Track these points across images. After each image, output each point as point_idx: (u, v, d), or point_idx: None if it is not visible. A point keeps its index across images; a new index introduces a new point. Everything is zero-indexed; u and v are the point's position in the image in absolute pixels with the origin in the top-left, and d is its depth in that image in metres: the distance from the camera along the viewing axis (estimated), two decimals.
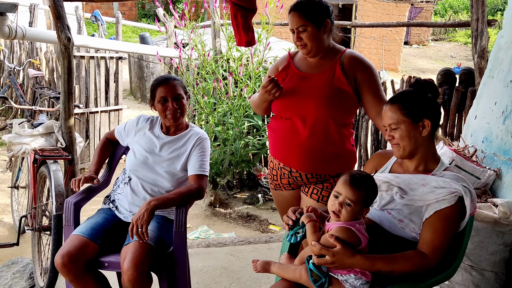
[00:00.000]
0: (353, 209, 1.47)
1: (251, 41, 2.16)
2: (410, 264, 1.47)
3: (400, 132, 1.56)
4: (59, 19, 2.44)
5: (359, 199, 1.47)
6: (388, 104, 1.60)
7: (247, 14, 2.07)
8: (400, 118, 1.55)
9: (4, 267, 2.75)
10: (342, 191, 1.48)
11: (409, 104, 1.56)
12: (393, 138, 1.59)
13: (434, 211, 1.50)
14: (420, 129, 1.55)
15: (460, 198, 1.49)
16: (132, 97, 9.60)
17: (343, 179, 1.50)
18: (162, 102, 2.16)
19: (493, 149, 2.34)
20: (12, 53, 6.69)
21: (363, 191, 1.47)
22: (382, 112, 1.63)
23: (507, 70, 2.34)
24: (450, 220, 1.50)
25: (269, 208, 3.94)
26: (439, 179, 1.54)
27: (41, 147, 2.55)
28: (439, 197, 1.50)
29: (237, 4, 2.02)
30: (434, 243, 1.48)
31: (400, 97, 1.60)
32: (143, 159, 2.19)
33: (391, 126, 1.58)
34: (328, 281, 1.49)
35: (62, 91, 2.57)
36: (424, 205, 1.54)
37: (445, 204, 1.49)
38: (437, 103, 1.63)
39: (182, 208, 2.07)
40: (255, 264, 1.70)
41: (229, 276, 2.67)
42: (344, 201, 1.47)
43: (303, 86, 2.00)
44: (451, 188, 1.49)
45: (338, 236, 1.45)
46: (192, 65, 3.87)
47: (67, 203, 2.12)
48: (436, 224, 1.50)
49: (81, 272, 1.92)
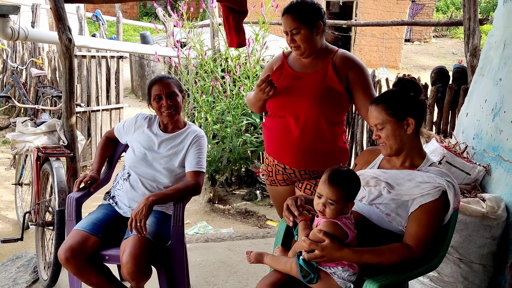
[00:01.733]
0: (336, 207, 1.52)
1: (242, 42, 2.23)
2: (396, 256, 1.53)
3: (386, 131, 1.62)
4: (60, 21, 2.50)
5: (340, 197, 1.51)
6: (373, 105, 1.66)
7: (238, 17, 2.14)
8: (385, 118, 1.61)
9: (9, 262, 2.83)
10: (323, 192, 1.52)
11: (393, 104, 1.61)
12: (380, 137, 1.65)
13: (419, 205, 1.57)
14: (405, 127, 1.61)
15: (444, 192, 1.55)
16: (134, 95, 9.67)
17: (323, 179, 1.54)
18: (157, 100, 2.23)
19: (483, 146, 2.40)
20: (15, 52, 6.76)
21: (344, 189, 1.52)
22: (368, 112, 1.69)
23: (496, 68, 2.39)
24: (434, 213, 1.56)
25: (267, 204, 4.01)
26: (424, 174, 1.60)
27: (44, 145, 2.63)
28: (424, 192, 1.56)
29: (229, 7, 2.09)
30: (419, 236, 1.55)
31: (384, 97, 1.66)
32: (142, 156, 2.25)
33: (377, 126, 1.64)
34: (317, 276, 1.56)
35: (64, 90, 2.64)
36: (410, 199, 1.60)
37: (429, 198, 1.55)
38: (420, 101, 1.69)
39: (180, 204, 2.13)
40: (249, 255, 1.77)
41: (227, 270, 2.75)
42: (327, 201, 1.52)
43: (297, 85, 2.06)
44: (435, 183, 1.55)
45: (325, 230, 1.52)
46: (190, 64, 3.94)
47: (69, 198, 2.19)
48: (420, 218, 1.56)
49: (84, 265, 2.00)
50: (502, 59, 2.35)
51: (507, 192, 2.15)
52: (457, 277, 2.10)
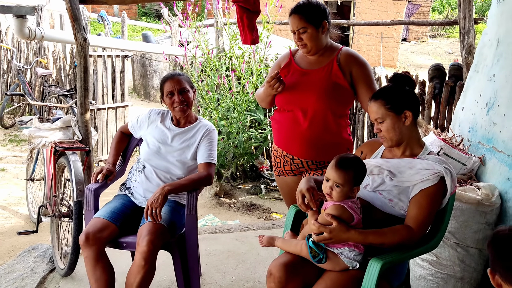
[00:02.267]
0: (342, 190, 1.65)
1: (255, 39, 2.37)
2: (398, 236, 1.66)
3: (386, 125, 1.74)
4: (76, 21, 2.63)
5: (347, 180, 1.64)
6: (372, 100, 1.77)
7: (252, 16, 2.28)
8: (384, 112, 1.73)
9: (25, 252, 2.95)
10: (330, 176, 1.66)
11: (391, 99, 1.73)
12: (380, 131, 1.77)
13: (419, 190, 1.69)
14: (403, 120, 1.73)
15: (442, 178, 1.68)
16: (135, 94, 9.78)
17: (331, 164, 1.68)
18: (169, 96, 2.36)
19: (478, 138, 2.54)
20: (20, 52, 6.87)
21: (349, 173, 1.64)
22: (368, 107, 1.82)
23: (490, 65, 2.53)
24: (433, 197, 1.69)
25: (271, 198, 4.14)
26: (423, 161, 1.73)
27: (60, 140, 2.75)
28: (424, 178, 1.69)
29: (243, 7, 2.22)
30: (419, 218, 1.68)
31: (382, 93, 1.77)
32: (156, 149, 2.38)
33: (377, 120, 1.76)
34: (325, 256, 1.69)
35: (79, 87, 2.76)
36: (411, 185, 1.73)
37: (428, 183, 1.68)
38: (415, 94, 1.81)
39: (193, 193, 2.26)
40: (261, 238, 1.89)
41: (236, 259, 2.87)
42: (334, 184, 1.65)
43: (304, 81, 2.19)
44: (433, 169, 1.68)
45: (333, 213, 1.64)
46: (196, 62, 4.06)
47: (87, 189, 2.31)
48: (420, 201, 1.69)
49: (100, 252, 2.11)
50: (496, 56, 2.49)
51: (500, 181, 2.28)
52: (454, 261, 2.24)
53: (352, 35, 14.26)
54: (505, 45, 2.42)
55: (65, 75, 5.98)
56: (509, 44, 2.39)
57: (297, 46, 2.20)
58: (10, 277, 2.64)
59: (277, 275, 1.70)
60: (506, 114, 2.30)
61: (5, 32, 7.42)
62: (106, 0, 2.74)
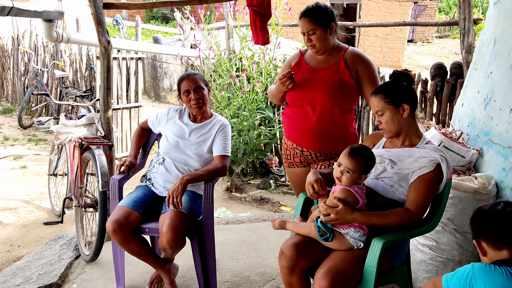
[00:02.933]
0: (351, 176, 1.83)
1: (267, 40, 2.58)
2: (399, 218, 1.83)
3: (385, 117, 1.90)
4: (100, 25, 2.83)
5: (357, 167, 1.82)
6: (373, 95, 1.95)
7: (264, 19, 2.48)
8: (383, 106, 1.90)
9: (52, 241, 3.16)
10: (342, 162, 1.84)
11: (390, 93, 1.90)
12: (380, 123, 1.94)
13: (418, 176, 1.86)
14: (401, 112, 1.90)
15: (438, 165, 1.85)
16: (146, 96, 10.01)
17: (345, 151, 1.86)
18: (186, 94, 2.55)
19: (476, 132, 2.70)
20: (37, 55, 7.12)
21: (362, 160, 1.83)
22: (370, 101, 1.99)
23: (488, 63, 2.69)
24: (430, 182, 1.86)
25: (280, 192, 4.32)
26: (421, 150, 1.90)
27: (84, 136, 2.95)
28: (422, 165, 1.86)
29: (256, 11, 2.42)
30: (417, 201, 1.84)
31: (382, 88, 1.95)
32: (174, 143, 2.57)
33: (378, 113, 1.93)
34: (332, 235, 1.86)
35: (102, 87, 2.96)
36: (410, 172, 1.89)
37: (426, 170, 1.85)
38: (412, 89, 1.98)
39: (210, 183, 2.45)
40: (273, 222, 2.07)
41: (248, 247, 3.05)
42: (344, 169, 1.84)
43: (313, 79, 2.37)
44: (430, 157, 1.85)
45: (340, 196, 1.82)
46: (209, 63, 4.27)
47: (112, 180, 2.51)
48: (419, 186, 1.86)
49: (128, 236, 2.31)
50: (493, 54, 2.65)
51: (497, 171, 2.44)
52: (452, 245, 2.40)
53: (358, 37, 14.40)
54: (501, 44, 2.58)
55: (81, 77, 6.21)
56: (505, 42, 2.55)
57: (307, 47, 2.38)
58: (39, 263, 2.84)
59: (289, 254, 1.88)
60: (502, 109, 2.46)
61: (22, 35, 7.69)
62: (128, 5, 2.94)
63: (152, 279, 2.55)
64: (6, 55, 8.02)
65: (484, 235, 1.36)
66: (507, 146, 2.37)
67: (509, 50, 2.48)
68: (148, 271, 2.68)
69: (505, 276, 1.27)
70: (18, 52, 7.55)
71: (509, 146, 2.35)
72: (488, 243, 1.34)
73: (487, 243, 1.34)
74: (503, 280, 1.27)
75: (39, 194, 4.43)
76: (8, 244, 3.45)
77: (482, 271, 1.31)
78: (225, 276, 2.68)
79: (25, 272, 2.74)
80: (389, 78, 2.04)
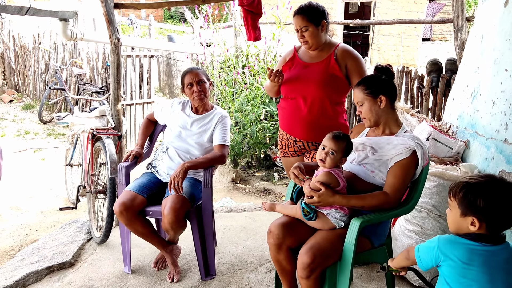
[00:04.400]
0: (335, 157, 1.99)
1: (258, 37, 2.78)
2: (376, 200, 1.98)
3: (365, 107, 2.06)
4: (111, 23, 3.06)
5: (341, 149, 1.99)
6: (355, 87, 2.11)
7: (255, 17, 2.68)
8: (363, 97, 2.06)
9: (66, 225, 3.40)
10: (327, 144, 2.00)
11: (369, 85, 2.05)
12: (361, 113, 2.09)
13: (395, 161, 2.01)
14: (379, 103, 2.05)
15: (414, 151, 2.00)
16: (161, 93, 10.29)
17: (328, 136, 2.02)
18: (189, 87, 2.74)
19: (464, 124, 2.82)
20: (56, 54, 7.46)
21: (344, 142, 2.00)
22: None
23: (475, 58, 2.81)
24: (406, 168, 2.00)
25: (283, 184, 4.49)
26: (399, 138, 2.04)
27: (96, 127, 3.19)
28: (399, 151, 2.00)
29: (248, 10, 2.61)
30: (394, 185, 1.99)
31: (363, 81, 2.10)
32: (178, 133, 2.77)
33: (358, 103, 2.09)
34: (315, 215, 2.03)
35: (112, 81, 3.19)
36: (389, 158, 2.04)
37: (402, 156, 1.99)
38: (391, 82, 2.12)
39: (209, 170, 2.64)
40: (264, 205, 2.25)
41: (247, 233, 3.23)
42: (329, 151, 1.99)
43: (305, 73, 2.54)
44: (406, 144, 2.00)
45: (322, 179, 1.98)
46: (215, 60, 4.47)
47: (120, 166, 2.73)
48: (396, 171, 2.00)
49: (133, 217, 2.51)
50: (480, 50, 2.77)
51: (480, 161, 2.56)
52: (437, 231, 2.52)
53: (372, 35, 14.42)
54: (487, 40, 2.70)
55: (97, 74, 6.50)
56: (491, 39, 2.66)
57: (300, 43, 2.55)
58: (54, 244, 3.09)
59: (276, 232, 2.05)
60: (486, 102, 2.58)
61: (42, 35, 8.05)
62: (136, 5, 3.15)
63: (157, 259, 2.77)
64: (27, 54, 8.40)
65: (455, 198, 1.47)
66: (490, 137, 2.49)
67: (494, 46, 2.59)
68: (153, 253, 2.89)
69: (467, 247, 1.40)
70: (39, 51, 7.90)
71: (491, 137, 2.47)
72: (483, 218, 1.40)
73: (478, 221, 1.40)
74: (464, 251, 1.39)
75: (56, 184, 4.71)
76: (26, 228, 3.72)
77: (446, 243, 1.44)
78: (224, 259, 2.87)
79: (41, 251, 2.98)
80: (373, 72, 2.19)
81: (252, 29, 2.65)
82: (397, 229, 2.71)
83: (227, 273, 2.69)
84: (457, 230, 1.47)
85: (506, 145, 2.31)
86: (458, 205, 1.44)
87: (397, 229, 2.71)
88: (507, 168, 2.28)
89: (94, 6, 8.17)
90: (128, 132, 5.76)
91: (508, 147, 2.30)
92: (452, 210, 1.48)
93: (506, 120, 2.34)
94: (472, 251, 1.39)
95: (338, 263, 1.96)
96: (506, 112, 2.36)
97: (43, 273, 2.75)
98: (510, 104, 2.33)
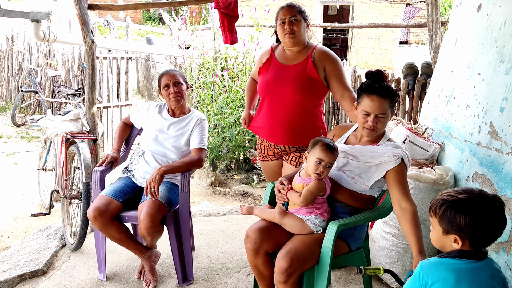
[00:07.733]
0: (330, 168, 1.99)
1: (234, 40, 2.76)
2: (415, 219, 1.89)
3: (384, 120, 1.97)
4: (85, 25, 2.98)
5: (335, 159, 2.00)
6: (379, 97, 1.94)
7: (231, 20, 2.66)
8: (388, 109, 1.97)
9: (39, 231, 3.30)
10: (324, 158, 1.94)
11: (393, 98, 1.99)
12: (376, 125, 1.96)
13: (386, 170, 1.97)
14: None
15: (402, 159, 2.00)
16: (140, 95, 10.16)
17: (322, 148, 1.95)
18: (165, 89, 2.70)
19: (439, 127, 2.86)
20: (31, 55, 7.27)
21: (336, 154, 1.99)
22: (370, 102, 1.95)
23: (449, 62, 2.86)
24: (403, 173, 1.97)
25: (262, 187, 4.47)
26: (383, 148, 2.01)
27: (70, 131, 3.10)
28: (386, 159, 1.97)
29: (224, 13, 2.59)
30: (406, 190, 1.95)
31: (387, 91, 1.96)
32: (154, 136, 2.72)
33: (379, 115, 1.95)
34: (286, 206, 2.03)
35: (87, 84, 3.12)
36: (374, 165, 2.00)
37: (392, 164, 1.96)
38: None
39: (186, 174, 2.60)
40: (242, 208, 2.22)
41: (226, 237, 3.20)
42: (326, 165, 1.97)
43: (282, 75, 2.52)
44: (393, 153, 1.97)
45: (315, 188, 1.95)
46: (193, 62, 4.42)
47: (95, 171, 2.66)
48: (396, 178, 1.95)
49: (108, 223, 2.46)
50: (454, 54, 2.82)
51: (455, 163, 2.60)
52: None
53: (351, 38, 14.59)
54: (461, 44, 2.75)
55: (73, 76, 6.35)
56: (464, 43, 2.71)
57: (284, 36, 2.43)
58: (26, 251, 2.99)
59: (253, 237, 2.03)
60: (460, 105, 2.63)
61: (16, 36, 7.84)
62: (112, 7, 3.09)
63: (140, 269, 2.69)
64: (0, 55, 8.17)
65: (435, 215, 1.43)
66: (464, 140, 2.53)
67: (467, 50, 2.64)
68: (130, 259, 2.83)
69: (451, 267, 1.35)
70: (13, 52, 7.69)
71: (465, 140, 2.51)
72: (464, 236, 1.37)
73: (460, 238, 1.37)
74: (449, 272, 1.34)
75: (29, 189, 4.57)
76: None
77: (431, 267, 1.38)
78: (202, 263, 2.83)
79: (12, 259, 2.89)
80: (365, 77, 2.07)
81: (229, 32, 2.63)
82: (375, 231, 2.73)
83: (205, 278, 2.66)
84: (441, 248, 1.44)
85: (480, 147, 2.36)
86: (439, 223, 1.41)
87: (375, 232, 2.72)
88: (481, 170, 2.32)
89: (69, 7, 8.01)
90: (105, 135, 5.66)
91: (481, 149, 2.34)
92: (434, 228, 1.44)
93: (479, 123, 2.38)
94: (458, 271, 1.36)
95: (315, 267, 1.96)
96: (479, 115, 2.40)
97: (14, 281, 2.66)
98: (483, 108, 2.38)
